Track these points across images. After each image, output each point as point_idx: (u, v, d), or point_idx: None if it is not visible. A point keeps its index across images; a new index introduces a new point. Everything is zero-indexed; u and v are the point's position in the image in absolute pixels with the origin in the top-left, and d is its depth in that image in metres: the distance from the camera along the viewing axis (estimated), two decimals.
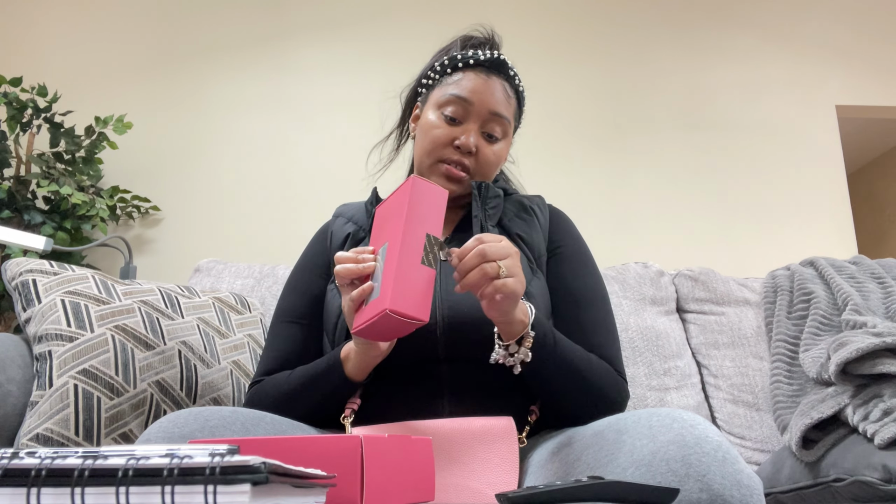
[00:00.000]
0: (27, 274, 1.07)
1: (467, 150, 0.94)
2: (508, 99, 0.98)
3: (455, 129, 0.95)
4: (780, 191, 2.80)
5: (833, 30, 3.04)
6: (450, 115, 0.95)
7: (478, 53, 0.98)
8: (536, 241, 0.99)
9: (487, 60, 0.98)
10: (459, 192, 0.98)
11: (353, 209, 1.06)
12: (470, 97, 0.95)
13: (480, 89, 0.95)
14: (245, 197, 2.65)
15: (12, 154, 2.34)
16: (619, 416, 0.69)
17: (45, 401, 0.96)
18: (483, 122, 0.96)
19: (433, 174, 0.97)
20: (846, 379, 1.06)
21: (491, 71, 0.98)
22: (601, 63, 2.90)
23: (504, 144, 0.99)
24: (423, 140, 0.97)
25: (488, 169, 0.97)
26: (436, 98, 0.98)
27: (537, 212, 1.03)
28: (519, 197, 1.05)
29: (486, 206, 0.98)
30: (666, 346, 1.52)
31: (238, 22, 2.82)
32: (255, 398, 0.92)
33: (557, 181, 2.73)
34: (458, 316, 0.85)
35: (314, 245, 1.05)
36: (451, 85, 0.97)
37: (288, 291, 1.02)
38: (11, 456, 0.37)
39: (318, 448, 0.50)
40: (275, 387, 0.90)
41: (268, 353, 0.97)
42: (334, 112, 2.74)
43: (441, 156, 0.95)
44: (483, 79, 0.96)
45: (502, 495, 0.55)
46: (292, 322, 0.98)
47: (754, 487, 0.56)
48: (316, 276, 1.00)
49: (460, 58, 0.98)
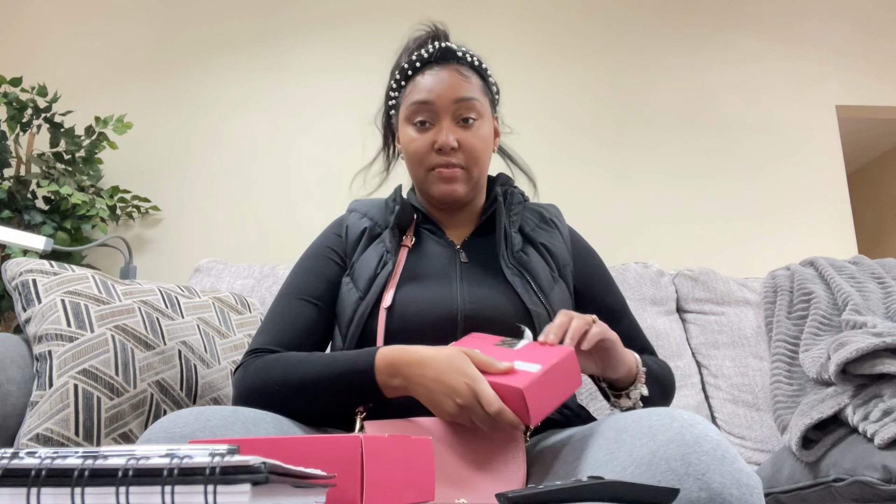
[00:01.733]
0: (27, 274, 1.08)
1: (448, 147, 0.93)
2: (467, 79, 0.96)
3: (429, 132, 0.95)
4: (780, 191, 2.80)
5: (833, 30, 3.03)
6: (419, 122, 0.95)
7: (421, 53, 0.98)
8: (560, 251, 1.01)
9: (432, 55, 0.97)
10: (465, 191, 0.97)
11: (368, 205, 1.06)
12: (428, 97, 0.94)
13: (434, 85, 0.94)
14: (245, 197, 2.65)
15: (12, 154, 2.34)
16: (619, 416, 0.69)
17: (45, 401, 0.96)
18: (452, 113, 0.94)
19: (429, 184, 0.97)
20: (846, 379, 1.06)
21: (440, 63, 0.97)
22: (601, 63, 2.90)
23: (484, 123, 0.97)
24: (408, 156, 0.98)
25: (478, 154, 0.96)
26: (403, 114, 0.98)
27: (557, 223, 1.06)
28: (536, 206, 1.08)
29: (510, 212, 1.00)
30: (666, 346, 1.52)
31: (238, 22, 2.83)
32: (257, 369, 0.85)
33: (558, 181, 2.73)
34: (477, 312, 0.88)
35: (329, 234, 1.04)
36: (410, 94, 0.97)
37: (301, 272, 0.99)
38: (11, 456, 0.37)
39: (318, 448, 0.50)
40: (285, 366, 0.84)
41: (274, 325, 0.91)
42: (334, 112, 2.74)
43: (428, 164, 0.95)
44: (434, 74, 0.95)
45: (502, 495, 0.55)
46: (305, 300, 0.94)
47: (753, 486, 0.56)
48: (332, 261, 0.99)
49: (408, 66, 0.98)
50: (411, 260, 0.95)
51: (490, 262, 0.96)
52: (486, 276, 0.93)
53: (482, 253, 0.98)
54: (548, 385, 0.72)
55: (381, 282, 0.91)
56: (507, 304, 0.90)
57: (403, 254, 0.96)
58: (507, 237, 0.97)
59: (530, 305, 0.89)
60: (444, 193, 0.96)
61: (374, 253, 0.96)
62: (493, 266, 0.95)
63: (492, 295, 0.90)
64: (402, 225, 0.98)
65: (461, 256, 0.96)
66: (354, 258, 0.98)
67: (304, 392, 0.81)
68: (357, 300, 0.91)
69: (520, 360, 0.75)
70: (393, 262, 0.93)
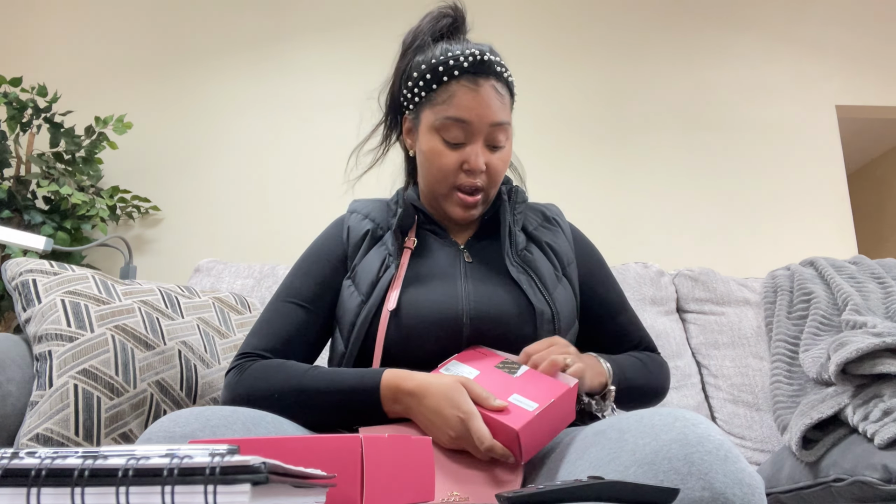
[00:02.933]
0: (27, 274, 1.07)
1: (479, 171, 0.92)
2: (503, 100, 0.93)
3: (460, 152, 0.92)
4: (780, 191, 2.80)
5: (833, 30, 3.04)
6: (451, 141, 0.92)
7: (459, 58, 0.91)
8: (564, 249, 1.01)
9: (471, 65, 0.91)
10: (478, 214, 0.98)
11: (369, 206, 1.05)
12: (467, 117, 0.90)
13: (475, 105, 0.90)
14: (245, 197, 2.65)
15: (12, 154, 2.34)
16: (621, 416, 0.69)
17: (45, 401, 0.96)
18: (486, 136, 0.92)
19: (448, 202, 0.95)
20: (846, 379, 1.06)
21: (478, 75, 0.91)
22: (602, 63, 2.90)
23: (509, 145, 0.96)
24: (430, 168, 0.94)
25: (499, 177, 0.96)
26: (430, 121, 0.93)
27: (559, 222, 1.06)
28: (537, 205, 1.08)
29: (514, 211, 1.00)
30: (666, 346, 1.52)
31: (238, 22, 2.82)
32: (256, 372, 0.85)
33: (558, 181, 2.73)
34: (483, 311, 0.88)
35: (329, 236, 1.02)
36: (443, 105, 0.91)
37: (297, 274, 0.98)
38: (11, 456, 0.37)
39: (318, 448, 0.50)
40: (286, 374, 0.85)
41: (266, 329, 0.92)
42: (334, 112, 2.74)
43: (453, 182, 0.93)
44: (474, 90, 0.90)
45: (502, 495, 0.55)
46: (298, 304, 0.95)
47: (756, 486, 0.56)
48: (330, 265, 0.98)
49: (442, 69, 0.91)
50: (414, 262, 0.94)
51: (495, 261, 0.96)
52: (491, 275, 0.93)
53: (486, 252, 0.97)
54: (543, 423, 0.73)
55: (384, 285, 0.91)
56: (513, 302, 0.90)
57: (406, 256, 0.95)
58: (511, 236, 0.97)
59: (536, 304, 0.89)
60: (462, 217, 0.96)
61: (377, 256, 0.95)
62: (498, 265, 0.95)
63: (497, 293, 0.90)
64: (404, 227, 0.98)
65: (465, 256, 0.96)
66: (356, 261, 0.97)
67: (303, 404, 0.82)
68: (359, 304, 0.91)
69: (518, 394, 0.76)
70: (396, 265, 0.93)
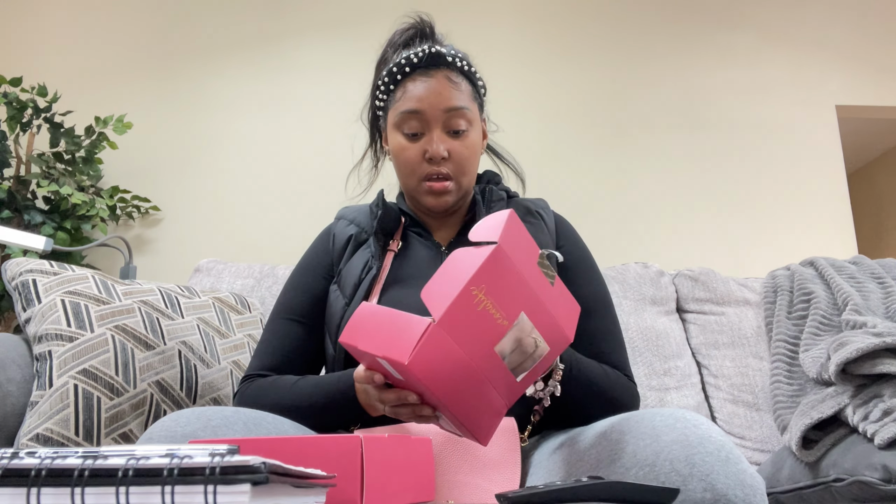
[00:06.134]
0: (27, 274, 1.07)
1: (439, 157, 0.93)
2: (457, 86, 0.94)
3: (420, 142, 0.94)
4: (780, 191, 2.80)
5: (833, 30, 3.04)
6: (410, 133, 0.94)
7: (410, 56, 0.95)
8: (545, 244, 1.01)
9: (421, 60, 0.94)
10: (454, 200, 0.98)
11: (354, 211, 1.07)
12: (419, 107, 0.93)
13: (425, 94, 0.93)
14: (245, 197, 2.65)
15: (12, 154, 2.34)
16: (622, 417, 0.69)
17: (45, 401, 0.96)
18: (443, 123, 0.93)
19: (420, 194, 0.97)
20: (846, 379, 1.06)
21: (429, 68, 0.94)
22: (602, 63, 2.90)
23: (473, 130, 0.96)
24: (398, 164, 0.98)
25: (467, 163, 0.96)
26: (392, 120, 0.96)
27: (543, 215, 1.04)
28: (523, 201, 1.06)
29: (490, 210, 0.99)
30: (666, 346, 1.52)
31: (238, 22, 2.82)
32: (251, 394, 0.90)
33: (558, 181, 2.73)
34: None
35: (317, 247, 1.05)
36: (399, 102, 0.95)
37: (290, 289, 1.02)
38: (11, 456, 0.37)
39: (318, 448, 0.50)
40: (276, 390, 0.89)
41: (266, 348, 0.96)
42: (334, 112, 2.74)
43: (420, 173, 0.95)
44: (424, 81, 0.93)
45: (502, 495, 0.55)
46: (293, 320, 0.98)
47: (757, 487, 0.56)
48: (318, 276, 1.01)
49: (396, 70, 0.96)
50: (397, 264, 0.96)
51: None
52: None
53: None
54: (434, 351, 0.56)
55: (366, 287, 0.92)
56: None
57: (389, 258, 0.97)
58: None
59: None
60: (435, 205, 0.97)
61: (360, 259, 0.97)
62: None
63: None
64: (386, 230, 0.99)
65: (446, 256, 0.97)
66: (341, 265, 0.99)
67: (296, 416, 0.85)
68: (343, 306, 0.93)
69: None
70: (378, 266, 0.95)
